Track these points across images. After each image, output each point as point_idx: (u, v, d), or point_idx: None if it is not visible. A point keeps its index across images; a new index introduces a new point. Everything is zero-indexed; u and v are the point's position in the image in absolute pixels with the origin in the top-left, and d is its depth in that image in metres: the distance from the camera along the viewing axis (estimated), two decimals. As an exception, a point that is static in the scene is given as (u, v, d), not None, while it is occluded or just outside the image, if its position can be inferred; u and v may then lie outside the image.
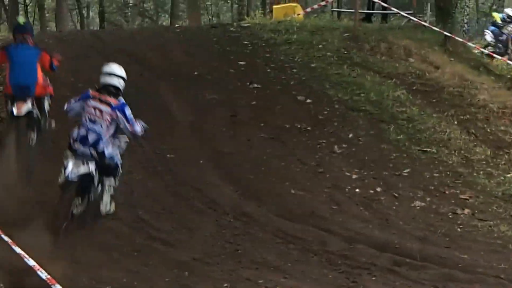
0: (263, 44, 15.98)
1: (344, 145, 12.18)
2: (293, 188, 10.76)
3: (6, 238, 7.47)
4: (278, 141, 12.22)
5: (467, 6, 50.02)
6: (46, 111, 11.19)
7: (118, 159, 9.63)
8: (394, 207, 10.40)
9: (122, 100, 9.55)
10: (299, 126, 12.64)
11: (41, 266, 6.92)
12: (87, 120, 9.40)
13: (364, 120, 13.04)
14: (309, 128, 12.61)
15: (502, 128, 13.50)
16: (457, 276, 7.96)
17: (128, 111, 9.46)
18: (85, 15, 45.54)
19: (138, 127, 9.60)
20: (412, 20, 18.67)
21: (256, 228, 9.57)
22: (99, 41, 16.72)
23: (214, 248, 9.03)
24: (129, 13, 45.28)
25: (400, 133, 12.69)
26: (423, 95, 14.30)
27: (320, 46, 15.86)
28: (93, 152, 9.30)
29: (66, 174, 9.09)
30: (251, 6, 37.43)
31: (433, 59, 16.10)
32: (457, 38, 17.61)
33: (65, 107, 9.80)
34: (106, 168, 9.51)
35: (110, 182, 9.65)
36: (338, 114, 13.17)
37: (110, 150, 9.46)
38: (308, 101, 13.49)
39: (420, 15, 21.87)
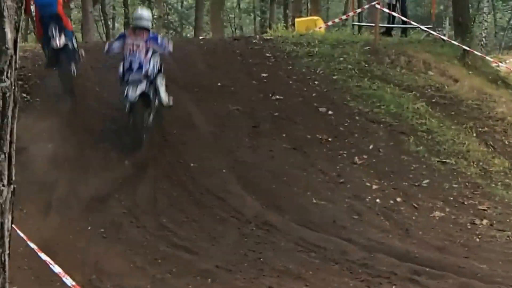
0: (285, 57, 15.98)
1: (364, 156, 12.16)
2: (314, 198, 10.76)
3: (32, 245, 7.51)
4: (300, 151, 12.22)
5: (485, 21, 49.98)
6: (76, 45, 13.60)
7: (159, 67, 12.43)
8: (413, 217, 10.37)
9: (151, 33, 12.57)
10: (320, 137, 12.63)
11: (66, 273, 6.94)
12: (128, 53, 12.29)
13: (384, 131, 13.02)
14: (330, 139, 12.61)
15: (520, 140, 13.46)
16: (476, 286, 7.93)
17: (159, 39, 12.52)
18: (111, 26, 45.74)
19: (169, 46, 12.46)
20: (431, 34, 18.64)
21: (278, 237, 9.57)
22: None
23: (237, 256, 9.04)
24: (153, 25, 45.50)
25: (419, 144, 12.66)
26: (442, 108, 14.26)
27: (341, 59, 15.86)
28: (141, 75, 12.05)
29: (128, 99, 11.77)
30: (273, 19, 37.55)
31: (452, 72, 16.06)
32: (475, 52, 17.57)
33: (105, 49, 12.77)
34: (154, 78, 12.31)
35: (159, 81, 12.46)
36: (359, 125, 13.16)
37: (152, 66, 12.27)
38: (330, 112, 13.48)
39: (439, 29, 21.85)
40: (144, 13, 12.91)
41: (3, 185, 2.04)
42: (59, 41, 12.93)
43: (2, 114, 2.01)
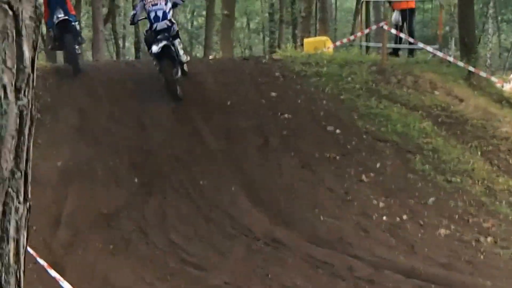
0: (294, 76, 16.02)
1: (371, 174, 12.18)
2: (322, 214, 10.77)
3: (42, 262, 7.53)
4: (308, 169, 12.24)
5: (490, 42, 49.91)
6: (78, 27, 16.53)
7: (176, 27, 15.02)
8: (419, 235, 10.37)
9: None
10: (328, 155, 12.65)
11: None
12: (151, 8, 14.61)
13: (391, 150, 13.03)
14: (337, 157, 12.62)
15: (524, 159, 13.46)
16: (481, 302, 7.95)
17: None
18: (121, 45, 45.88)
19: None
20: (438, 54, 18.68)
21: (286, 253, 9.59)
22: (135, 71, 16.87)
23: (245, 272, 9.06)
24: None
25: (425, 163, 12.67)
26: (447, 127, 14.27)
27: (349, 78, 15.89)
28: (167, 22, 14.53)
29: (154, 52, 14.15)
30: (282, 39, 37.64)
31: (457, 92, 16.07)
32: (480, 72, 17.60)
33: (130, 19, 15.61)
34: (174, 36, 14.67)
35: (178, 42, 14.89)
36: (366, 144, 13.17)
37: (173, 22, 14.81)
38: (337, 131, 13.50)
39: (445, 50, 21.90)
40: None
41: (19, 202, 2.06)
42: (62, 16, 15.07)
43: (19, 132, 2.03)
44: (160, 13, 14.59)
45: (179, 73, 14.62)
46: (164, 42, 14.21)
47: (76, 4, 42.48)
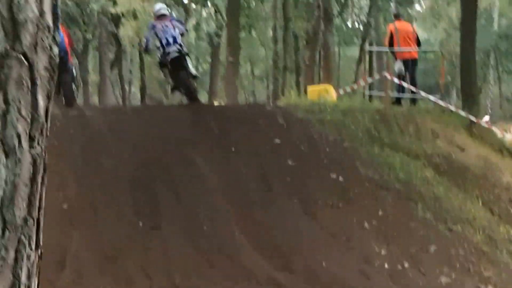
0: (298, 123, 16.08)
1: (373, 221, 12.19)
2: (324, 260, 10.77)
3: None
4: (311, 215, 12.25)
5: (491, 91, 50.01)
6: (75, 73, 18.37)
7: (187, 50, 17.14)
8: (420, 282, 10.37)
9: (171, 16, 17.45)
10: (331, 202, 12.67)
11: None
12: (162, 32, 16.53)
13: (393, 198, 13.06)
14: (340, 204, 12.64)
15: (525, 209, 13.50)
16: None
17: (178, 19, 17.88)
18: (127, 89, 46.14)
19: (185, 25, 17.96)
20: (440, 104, 18.77)
21: (288, 298, 9.59)
22: (141, 117, 16.95)
23: (248, 316, 9.05)
24: (168, 90, 45.91)
25: (427, 211, 12.69)
26: (449, 176, 14.32)
27: (352, 126, 15.96)
28: (177, 45, 16.37)
29: (171, 57, 16.34)
30: (286, 86, 37.80)
31: (459, 141, 16.15)
32: (482, 122, 17.69)
33: (144, 46, 17.95)
34: (184, 55, 16.53)
35: (188, 59, 16.86)
36: (369, 191, 13.20)
37: (183, 45, 16.71)
38: (340, 178, 13.53)
39: (447, 99, 22.01)
40: (162, 5, 17.93)
41: (31, 249, 2.09)
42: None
43: (32, 180, 2.07)
44: (171, 39, 16.54)
45: (188, 76, 16.85)
46: (177, 54, 16.35)
47: (84, 49, 42.83)
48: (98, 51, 42.92)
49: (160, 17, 17.17)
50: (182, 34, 17.07)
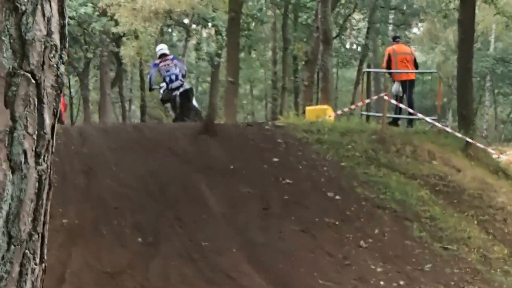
0: (296, 143, 16.13)
1: (370, 240, 12.20)
2: (321, 279, 10.77)
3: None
4: (308, 234, 12.26)
5: (487, 114, 50.12)
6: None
7: (189, 85, 19.58)
8: (416, 301, 10.38)
9: (172, 56, 19.66)
10: (327, 220, 12.69)
11: None
12: (165, 72, 18.81)
13: (389, 217, 13.08)
14: (337, 223, 12.65)
15: (519, 229, 13.51)
16: None
17: (179, 59, 20.00)
18: (127, 108, 46.18)
19: (185, 65, 20.02)
20: (436, 125, 18.82)
21: (284, 316, 9.58)
22: (141, 135, 16.98)
23: (245, 333, 9.04)
24: (168, 108, 45.93)
25: (423, 230, 12.71)
26: (445, 196, 14.35)
27: (349, 146, 16.00)
28: (179, 81, 18.69)
29: (178, 94, 18.79)
30: (284, 106, 37.88)
31: (455, 162, 16.19)
32: (477, 144, 17.73)
33: (148, 86, 20.36)
34: (187, 90, 18.96)
35: (191, 94, 19.36)
36: (365, 210, 13.22)
37: (185, 82, 18.95)
38: (337, 197, 13.56)
39: (443, 120, 22.07)
40: (163, 46, 20.26)
41: (36, 264, 2.11)
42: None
43: (37, 196, 2.09)
44: (173, 77, 18.82)
45: (191, 109, 19.18)
46: (182, 89, 18.78)
47: (85, 68, 42.92)
48: (99, 70, 42.99)
49: (162, 56, 19.37)
50: (183, 76, 19.19)
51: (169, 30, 46.14)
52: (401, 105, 19.82)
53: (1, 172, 1.93)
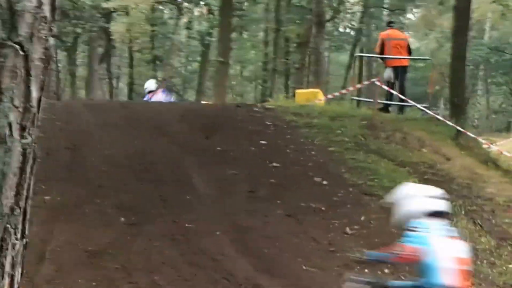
0: (285, 126, 16.14)
1: (356, 227, 12.23)
2: (305, 264, 10.80)
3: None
4: (294, 218, 12.28)
5: (479, 103, 50.21)
6: None
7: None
8: (401, 289, 10.42)
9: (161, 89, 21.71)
10: (314, 206, 12.71)
11: None
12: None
13: (376, 204, 13.10)
14: (323, 208, 12.68)
15: (507, 220, 13.53)
16: None
17: (167, 91, 22.22)
18: (115, 85, 46.01)
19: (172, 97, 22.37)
20: (427, 113, 18.86)
21: (267, 300, 9.61)
22: (129, 112, 16.95)
23: (226, 316, 9.07)
24: (157, 86, 45.79)
25: (409, 218, 12.74)
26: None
27: (338, 131, 16.03)
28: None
29: None
30: (275, 88, 37.84)
31: (444, 151, 16.23)
32: (468, 133, 17.78)
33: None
34: None
35: None
36: (352, 197, 13.25)
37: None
38: (324, 182, 13.59)
39: (434, 108, 22.10)
40: (151, 82, 23.05)
41: (17, 239, 2.11)
42: None
43: (21, 169, 2.09)
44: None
45: None
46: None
47: (73, 43, 42.70)
48: (88, 45, 42.80)
49: (150, 92, 21.65)
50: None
51: (161, 7, 45.89)
52: (393, 91, 19.84)
53: (-15, 145, 1.92)
